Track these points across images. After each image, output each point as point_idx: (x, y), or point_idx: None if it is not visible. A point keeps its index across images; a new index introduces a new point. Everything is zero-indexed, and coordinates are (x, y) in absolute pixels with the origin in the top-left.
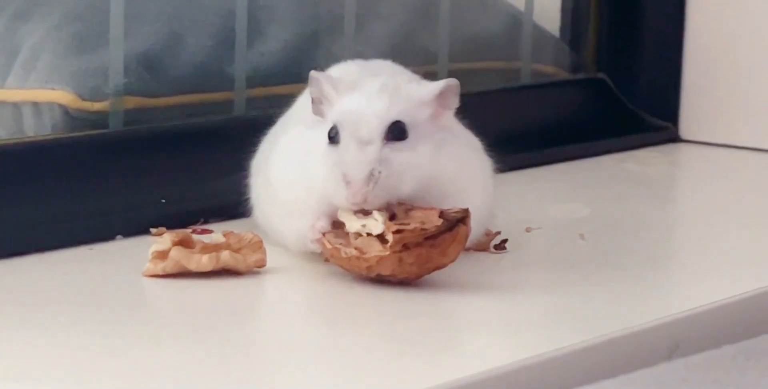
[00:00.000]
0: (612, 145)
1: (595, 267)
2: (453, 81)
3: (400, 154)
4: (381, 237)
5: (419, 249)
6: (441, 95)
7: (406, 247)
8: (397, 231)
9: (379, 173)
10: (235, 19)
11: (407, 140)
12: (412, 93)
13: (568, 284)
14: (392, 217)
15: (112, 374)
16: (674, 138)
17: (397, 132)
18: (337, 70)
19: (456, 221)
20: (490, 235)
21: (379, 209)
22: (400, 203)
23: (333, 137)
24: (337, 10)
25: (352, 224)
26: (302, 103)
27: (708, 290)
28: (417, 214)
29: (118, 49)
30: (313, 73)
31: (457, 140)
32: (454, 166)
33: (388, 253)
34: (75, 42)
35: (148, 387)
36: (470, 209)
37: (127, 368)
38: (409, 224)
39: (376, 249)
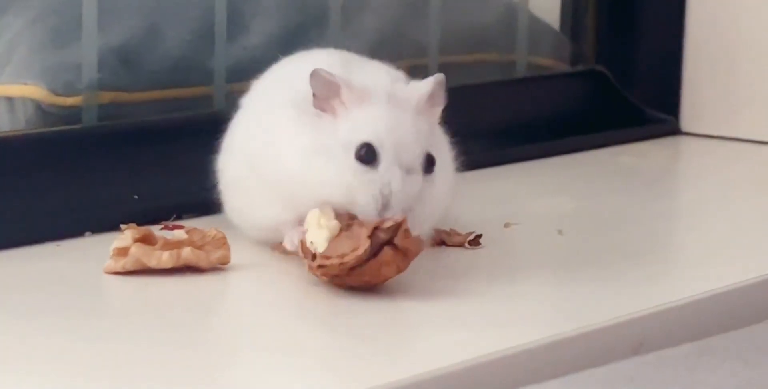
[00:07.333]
0: (612, 138)
1: (571, 264)
2: (440, 77)
3: (431, 190)
4: None
5: (347, 278)
6: (431, 94)
7: (336, 276)
8: (320, 266)
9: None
10: (215, 11)
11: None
12: (411, 101)
13: (538, 280)
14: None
15: (70, 372)
16: (675, 131)
17: (428, 164)
18: (315, 63)
19: (381, 245)
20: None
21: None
22: (339, 214)
23: (366, 155)
24: (323, 2)
25: (309, 233)
26: (285, 82)
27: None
28: (350, 234)
29: (92, 43)
30: (319, 71)
31: (443, 152)
32: (446, 189)
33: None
34: (50, 36)
35: (107, 385)
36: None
37: (85, 367)
38: (330, 258)
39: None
